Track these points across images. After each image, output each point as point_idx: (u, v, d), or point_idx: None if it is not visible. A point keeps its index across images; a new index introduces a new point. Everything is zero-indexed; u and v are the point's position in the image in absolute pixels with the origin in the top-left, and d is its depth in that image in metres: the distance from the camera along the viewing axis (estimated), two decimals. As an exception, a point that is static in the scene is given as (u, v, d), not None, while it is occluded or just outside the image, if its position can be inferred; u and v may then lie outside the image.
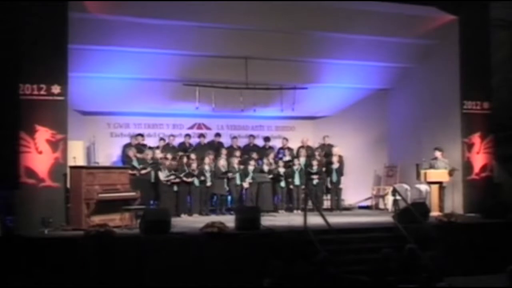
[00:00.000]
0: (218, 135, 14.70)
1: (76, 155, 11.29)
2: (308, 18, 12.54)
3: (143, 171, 12.40)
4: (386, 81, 15.09)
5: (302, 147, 14.70)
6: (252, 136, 14.95)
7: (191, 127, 15.03)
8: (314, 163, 13.86)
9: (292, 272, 7.56)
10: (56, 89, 10.60)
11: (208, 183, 13.12)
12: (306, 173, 13.85)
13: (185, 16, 11.92)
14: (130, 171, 11.49)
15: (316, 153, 14.34)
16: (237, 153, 13.86)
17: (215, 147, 14.16)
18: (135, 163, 12.42)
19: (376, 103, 15.37)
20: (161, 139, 13.94)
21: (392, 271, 7.75)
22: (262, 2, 11.96)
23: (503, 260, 8.79)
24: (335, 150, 14.41)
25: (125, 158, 12.97)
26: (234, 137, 14.78)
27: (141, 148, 13.27)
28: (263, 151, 14.45)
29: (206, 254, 9.30)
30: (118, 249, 9.00)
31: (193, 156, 13.16)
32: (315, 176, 13.75)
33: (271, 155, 14.05)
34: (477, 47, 13.24)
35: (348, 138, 15.06)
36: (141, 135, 13.90)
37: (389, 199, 13.76)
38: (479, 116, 13.33)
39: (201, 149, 13.86)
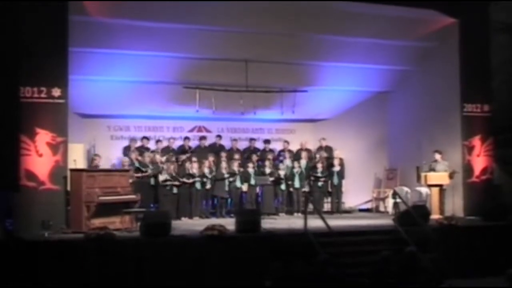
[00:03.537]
0: (219, 137, 14.69)
1: (77, 158, 11.29)
2: (308, 21, 12.55)
3: (148, 173, 12.41)
4: (386, 83, 15.08)
5: (301, 149, 14.70)
6: (253, 139, 14.94)
7: (191, 130, 15.00)
8: (319, 165, 13.90)
9: (292, 274, 7.57)
10: (56, 92, 10.59)
11: (208, 186, 13.13)
12: (309, 176, 13.85)
13: (185, 19, 11.93)
14: (134, 174, 11.52)
15: (318, 156, 14.34)
16: (237, 156, 13.86)
17: (216, 149, 14.16)
18: (137, 166, 12.44)
19: (376, 106, 15.36)
20: (158, 141, 13.88)
21: (392, 273, 7.75)
22: (263, 5, 11.96)
23: (503, 262, 8.80)
24: (336, 153, 14.43)
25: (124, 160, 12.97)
26: (234, 139, 14.75)
27: (142, 150, 13.26)
28: (263, 154, 14.45)
29: (207, 257, 9.29)
30: (118, 252, 8.99)
31: (194, 158, 13.16)
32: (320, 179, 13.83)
33: (271, 158, 14.04)
34: (477, 50, 13.24)
35: (348, 141, 15.05)
36: (147, 138, 13.87)
37: (390, 201, 13.75)
38: (479, 119, 13.32)
39: (201, 152, 13.86)
